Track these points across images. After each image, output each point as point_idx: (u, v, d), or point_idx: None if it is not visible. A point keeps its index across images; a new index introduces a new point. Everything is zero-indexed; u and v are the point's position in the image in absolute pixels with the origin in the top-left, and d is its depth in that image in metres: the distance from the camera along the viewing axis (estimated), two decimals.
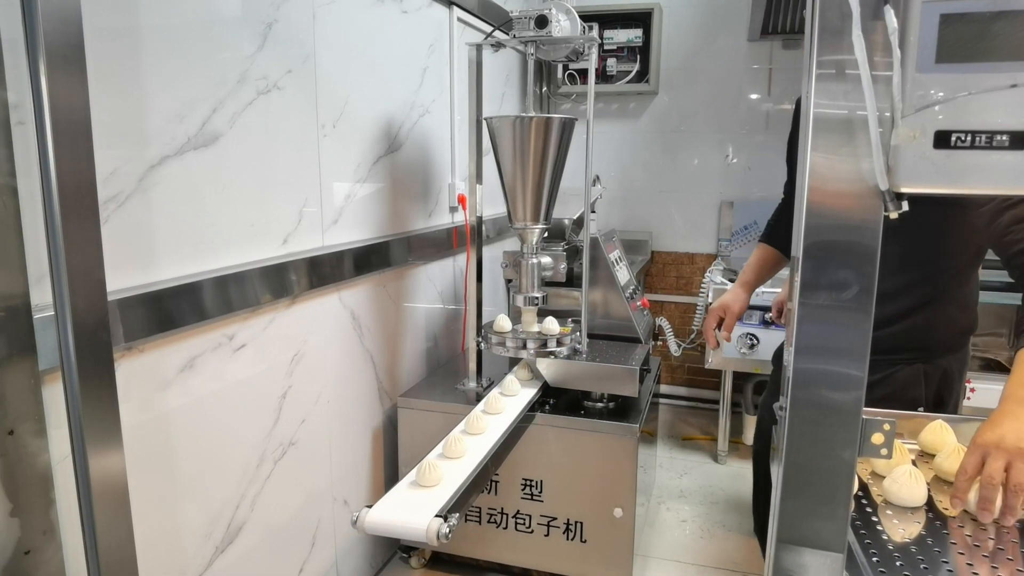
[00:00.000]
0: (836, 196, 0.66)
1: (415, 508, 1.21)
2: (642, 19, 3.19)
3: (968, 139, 0.61)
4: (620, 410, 1.93)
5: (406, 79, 2.08)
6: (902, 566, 0.84)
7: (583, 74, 3.26)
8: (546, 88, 3.40)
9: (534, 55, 1.86)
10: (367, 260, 1.86)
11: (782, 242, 1.77)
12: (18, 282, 0.96)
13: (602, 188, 2.45)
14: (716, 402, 3.06)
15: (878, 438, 0.71)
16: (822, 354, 0.69)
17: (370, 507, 1.20)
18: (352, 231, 1.83)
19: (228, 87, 1.36)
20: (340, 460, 1.85)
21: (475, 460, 1.40)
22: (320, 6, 1.62)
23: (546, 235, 2.02)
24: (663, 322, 2.60)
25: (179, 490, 1.31)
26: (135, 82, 1.16)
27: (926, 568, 0.84)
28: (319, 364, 1.72)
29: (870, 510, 0.99)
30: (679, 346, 2.43)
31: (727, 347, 2.53)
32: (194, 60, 1.27)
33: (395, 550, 2.18)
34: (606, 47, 3.22)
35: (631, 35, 3.20)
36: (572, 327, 2.02)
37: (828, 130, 0.65)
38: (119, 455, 1.00)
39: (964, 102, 0.61)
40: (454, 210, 2.44)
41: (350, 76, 1.78)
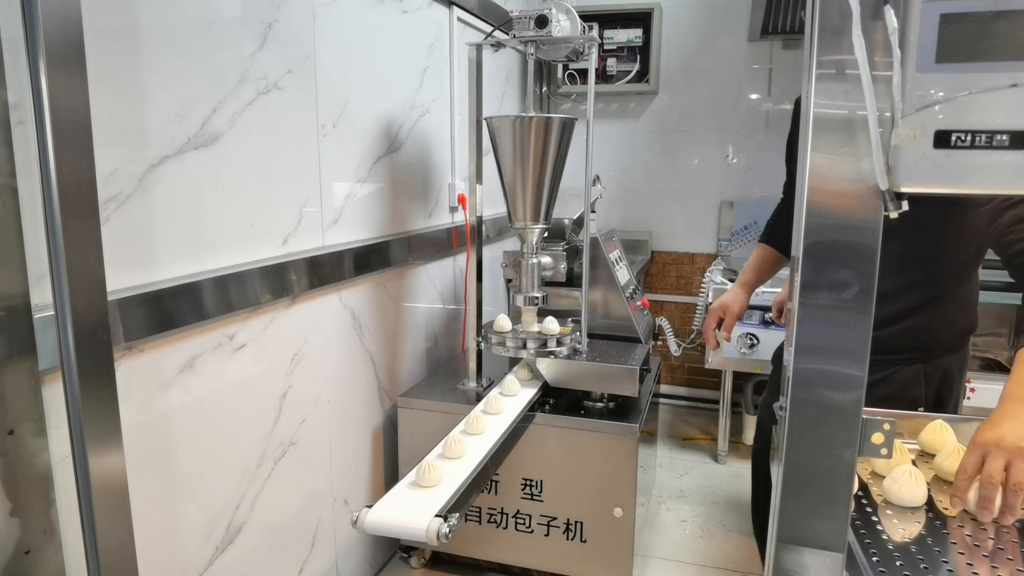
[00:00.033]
0: (836, 196, 0.66)
1: (415, 508, 1.21)
2: (642, 19, 3.19)
3: (968, 139, 0.61)
4: (620, 410, 1.93)
5: (406, 79, 2.08)
6: (902, 566, 0.84)
7: (583, 74, 3.26)
8: (546, 88, 3.40)
9: (534, 55, 1.87)
10: (367, 260, 1.86)
11: (782, 242, 1.76)
12: (18, 282, 0.96)
13: (602, 188, 2.45)
14: (716, 402, 3.06)
15: (878, 438, 0.71)
16: (822, 354, 0.69)
17: (370, 507, 1.20)
18: (352, 231, 1.83)
19: (228, 87, 1.36)
20: (340, 460, 1.85)
21: (475, 460, 1.40)
22: (320, 6, 1.62)
23: (546, 235, 2.03)
24: (663, 322, 2.60)
25: (179, 490, 1.31)
26: (135, 82, 1.16)
27: (926, 568, 0.84)
28: (319, 364, 1.72)
29: (870, 510, 0.99)
30: (679, 346, 2.43)
31: (727, 347, 2.53)
32: (194, 60, 1.27)
33: (395, 550, 2.18)
34: (606, 47, 3.22)
35: (631, 35, 3.20)
36: (572, 327, 2.02)
37: (828, 130, 0.65)
38: (119, 455, 1.00)
39: (964, 102, 0.61)
40: (454, 210, 2.44)
41: (350, 76, 1.78)
